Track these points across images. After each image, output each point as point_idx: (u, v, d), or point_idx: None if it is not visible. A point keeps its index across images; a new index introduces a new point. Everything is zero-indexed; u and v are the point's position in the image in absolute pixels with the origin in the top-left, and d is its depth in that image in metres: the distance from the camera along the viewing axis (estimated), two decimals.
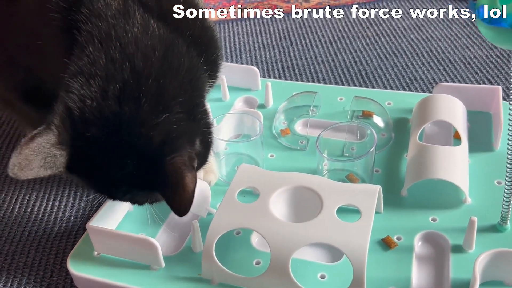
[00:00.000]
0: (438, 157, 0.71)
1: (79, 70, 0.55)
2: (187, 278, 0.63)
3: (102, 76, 0.54)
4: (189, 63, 0.60)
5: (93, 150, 0.54)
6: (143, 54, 0.55)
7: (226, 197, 0.65)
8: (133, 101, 0.53)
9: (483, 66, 1.05)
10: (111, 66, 0.54)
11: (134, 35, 0.56)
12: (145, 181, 0.55)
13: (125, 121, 0.53)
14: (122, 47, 0.55)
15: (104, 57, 0.55)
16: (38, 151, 0.52)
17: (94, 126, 0.53)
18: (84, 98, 0.53)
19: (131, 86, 0.54)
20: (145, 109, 0.54)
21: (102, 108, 0.53)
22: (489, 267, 0.57)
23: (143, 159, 0.54)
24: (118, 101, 0.53)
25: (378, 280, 0.60)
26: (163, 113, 0.54)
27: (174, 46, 0.59)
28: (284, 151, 0.83)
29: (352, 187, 0.66)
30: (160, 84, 0.55)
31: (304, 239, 0.58)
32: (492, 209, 0.67)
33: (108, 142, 0.53)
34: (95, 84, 0.54)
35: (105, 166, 0.54)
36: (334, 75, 1.07)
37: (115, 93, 0.53)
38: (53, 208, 0.81)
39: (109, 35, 0.56)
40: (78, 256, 0.67)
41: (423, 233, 0.66)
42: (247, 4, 1.42)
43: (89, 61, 0.55)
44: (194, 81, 0.60)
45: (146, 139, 0.53)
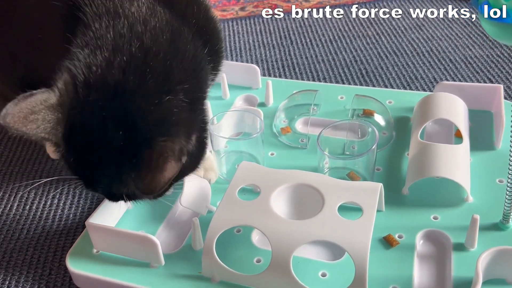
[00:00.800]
0: (440, 155, 0.70)
1: (84, 43, 0.54)
2: (187, 276, 0.63)
3: (109, 48, 0.53)
4: (194, 51, 0.59)
5: (90, 117, 0.52)
6: (151, 34, 0.55)
7: (226, 194, 0.65)
8: (139, 74, 0.52)
9: (484, 66, 1.04)
10: (119, 40, 0.53)
11: (142, 16, 0.56)
12: (126, 157, 0.52)
13: (127, 91, 0.52)
14: (130, 25, 0.54)
15: (112, 32, 0.54)
16: (35, 107, 0.50)
17: (96, 92, 0.52)
18: (89, 65, 0.52)
19: (138, 60, 0.53)
20: (150, 85, 0.53)
21: (106, 76, 0.52)
22: (492, 265, 0.57)
23: (135, 133, 0.52)
24: (123, 72, 0.52)
25: (380, 279, 0.60)
26: (167, 94, 0.53)
27: (181, 32, 0.58)
28: (285, 150, 0.82)
29: (353, 185, 0.65)
30: (167, 64, 0.54)
31: (305, 236, 0.58)
32: (494, 208, 0.66)
33: (107, 109, 0.52)
34: (101, 55, 0.53)
35: (96, 135, 0.52)
36: (335, 74, 1.07)
37: (121, 64, 0.52)
38: (52, 206, 0.81)
39: (117, 13, 0.55)
40: (77, 254, 0.67)
41: (425, 232, 0.66)
42: (247, 3, 1.41)
43: (95, 35, 0.54)
44: (198, 71, 0.59)
45: (144, 113, 0.52)
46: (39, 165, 0.90)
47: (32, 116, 0.50)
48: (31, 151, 0.93)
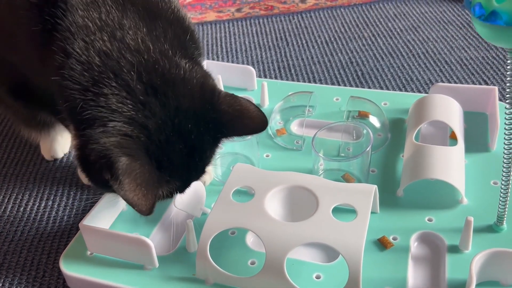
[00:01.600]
0: (435, 157, 0.70)
1: (83, 78, 0.55)
2: (181, 278, 0.63)
3: (112, 74, 0.55)
4: (175, 32, 0.60)
5: (167, 143, 0.55)
6: (130, 34, 0.56)
7: (220, 196, 0.65)
8: (155, 75, 0.55)
9: (479, 67, 1.05)
10: (110, 59, 0.55)
11: (116, 21, 0.57)
12: (210, 134, 0.57)
13: (166, 95, 0.55)
14: (109, 34, 0.56)
15: (96, 51, 0.55)
16: (142, 181, 0.52)
17: (151, 122, 0.54)
18: (124, 113, 0.54)
19: (142, 65, 0.55)
20: (167, 76, 0.56)
21: (144, 103, 0.54)
22: (486, 267, 0.57)
23: (198, 114, 0.56)
24: (145, 84, 0.55)
25: (374, 280, 0.60)
26: (180, 71, 0.56)
27: (156, 22, 0.59)
28: (280, 151, 0.82)
29: (348, 187, 0.65)
30: (161, 50, 0.57)
31: (299, 238, 0.58)
32: (488, 210, 0.67)
33: (168, 125, 0.55)
34: (121, 90, 0.54)
35: (178, 147, 0.55)
36: (330, 75, 1.07)
37: (136, 79, 0.54)
38: (46, 208, 0.80)
39: (87, 26, 0.56)
40: (71, 256, 0.67)
41: (419, 233, 0.65)
42: (243, 4, 1.41)
43: (87, 64, 0.55)
44: (185, 43, 0.61)
45: (189, 97, 0.56)
46: (34, 166, 0.89)
47: (145, 191, 0.53)
48: (26, 153, 0.93)
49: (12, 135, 0.97)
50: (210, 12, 1.39)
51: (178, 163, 0.56)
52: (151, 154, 0.54)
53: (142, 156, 0.53)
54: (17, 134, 0.97)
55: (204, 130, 0.56)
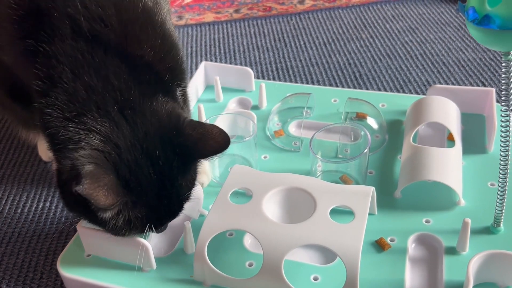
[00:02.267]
0: (432, 159, 0.70)
1: (68, 107, 0.56)
2: (178, 280, 0.63)
3: (95, 102, 0.57)
4: (155, 58, 0.62)
5: (135, 164, 0.56)
6: (113, 65, 0.59)
7: (218, 198, 0.65)
8: (130, 107, 0.57)
9: (477, 69, 1.05)
10: (92, 87, 0.57)
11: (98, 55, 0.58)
12: (179, 159, 0.57)
13: (137, 126, 0.57)
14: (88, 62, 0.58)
15: (82, 82, 0.57)
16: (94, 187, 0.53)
17: (122, 143, 0.56)
18: (117, 145, 0.56)
19: (119, 96, 0.57)
20: (139, 105, 0.57)
21: (118, 131, 0.56)
22: (483, 269, 0.57)
23: (165, 139, 0.57)
24: (123, 115, 0.57)
25: (372, 282, 0.60)
26: (152, 102, 0.59)
27: (139, 44, 0.61)
28: (278, 153, 0.82)
29: (345, 188, 0.65)
30: (136, 81, 0.59)
31: (297, 240, 0.58)
32: (486, 211, 0.67)
33: (137, 148, 0.56)
34: (101, 119, 0.56)
35: (144, 169, 0.56)
36: (328, 77, 1.07)
37: (116, 110, 0.57)
38: (44, 209, 0.80)
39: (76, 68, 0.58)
40: (69, 258, 0.67)
41: (417, 235, 0.66)
42: (242, 5, 1.41)
43: (75, 91, 0.57)
44: (161, 73, 0.62)
45: (157, 124, 0.57)
46: (31, 168, 0.89)
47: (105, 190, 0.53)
48: (23, 154, 0.92)
49: (9, 136, 0.97)
50: (208, 13, 1.39)
51: (146, 187, 0.56)
52: (119, 170, 0.55)
53: (110, 168, 0.54)
54: (14, 136, 0.96)
55: (171, 155, 0.57)
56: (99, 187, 0.52)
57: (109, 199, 0.52)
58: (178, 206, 0.61)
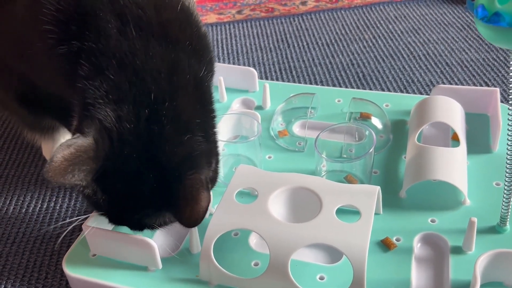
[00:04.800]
0: (437, 158, 0.70)
1: (104, 92, 0.56)
2: (184, 280, 0.62)
3: (131, 100, 0.56)
4: (194, 78, 0.60)
5: (125, 167, 0.55)
6: (152, 77, 0.57)
7: (224, 198, 0.65)
8: (158, 123, 0.56)
9: (480, 69, 1.05)
10: (135, 91, 0.56)
11: (141, 58, 0.57)
12: (161, 197, 0.56)
13: (154, 141, 0.55)
14: (136, 71, 0.57)
15: (126, 82, 0.56)
16: (75, 158, 0.53)
17: (130, 145, 0.55)
18: (120, 119, 0.55)
19: (154, 110, 0.56)
20: (168, 130, 0.56)
21: (137, 129, 0.55)
22: (489, 268, 0.57)
23: (165, 173, 0.55)
24: (148, 123, 0.56)
25: (378, 282, 0.60)
26: (186, 134, 0.57)
27: (179, 63, 0.60)
28: (282, 153, 0.82)
29: (351, 188, 0.65)
30: (175, 106, 0.57)
31: (303, 239, 0.58)
32: (491, 211, 0.67)
33: (139, 159, 0.55)
34: (126, 108, 0.55)
35: (131, 181, 0.56)
36: (332, 77, 1.07)
37: (144, 116, 0.56)
38: (48, 209, 0.80)
39: (122, 59, 0.57)
40: (74, 257, 0.67)
41: (422, 235, 0.66)
42: (244, 7, 1.42)
43: (112, 84, 0.56)
44: (203, 97, 0.62)
45: (170, 154, 0.55)
46: (35, 168, 0.89)
47: (71, 167, 0.52)
48: (27, 155, 0.93)
49: (13, 137, 0.97)
50: (211, 14, 1.39)
51: (117, 191, 0.56)
52: (105, 158, 0.55)
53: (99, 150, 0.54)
54: (19, 136, 0.97)
55: (158, 193, 0.56)
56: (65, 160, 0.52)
57: (64, 173, 0.52)
58: (136, 225, 0.60)
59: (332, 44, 1.19)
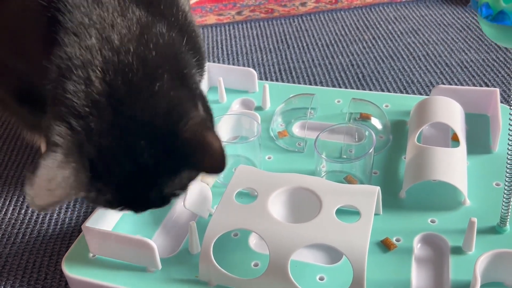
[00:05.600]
0: (437, 159, 0.70)
1: (58, 71, 0.53)
2: (184, 280, 0.62)
3: (81, 66, 0.52)
4: (170, 40, 0.58)
5: (113, 149, 0.51)
6: (119, 34, 0.54)
7: (223, 198, 0.65)
8: (121, 78, 0.52)
9: (480, 70, 1.05)
10: (87, 53, 0.53)
11: (109, 20, 0.55)
12: (168, 160, 0.52)
13: (128, 104, 0.51)
14: (99, 31, 0.54)
15: (79, 47, 0.53)
16: (48, 174, 0.48)
17: (109, 126, 0.51)
18: (74, 104, 0.51)
19: (113, 65, 0.52)
20: (135, 82, 0.52)
21: (107, 107, 0.51)
22: (490, 268, 0.57)
23: (157, 135, 0.52)
24: (108, 84, 0.51)
25: (377, 282, 0.60)
26: (154, 83, 0.52)
27: (152, 25, 0.57)
28: (282, 153, 0.82)
29: (351, 188, 0.65)
30: (141, 56, 0.53)
31: (303, 240, 0.58)
32: (491, 211, 0.67)
33: (124, 134, 0.51)
34: (80, 83, 0.52)
35: (127, 162, 0.52)
36: (331, 78, 1.07)
37: (100, 77, 0.51)
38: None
39: (82, 24, 0.54)
40: (73, 258, 0.66)
41: (422, 235, 0.65)
42: (244, 8, 1.42)
43: (66, 56, 0.53)
44: (178, 55, 0.58)
45: (151, 111, 0.51)
46: None
47: (52, 183, 0.48)
48: (27, 155, 0.92)
49: (12, 137, 0.97)
50: (211, 15, 1.39)
51: (120, 176, 0.53)
52: (85, 153, 0.51)
53: (74, 152, 0.50)
54: (18, 137, 0.96)
55: (159, 153, 0.52)
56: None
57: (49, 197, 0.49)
58: (157, 199, 0.56)
59: (332, 45, 1.19)
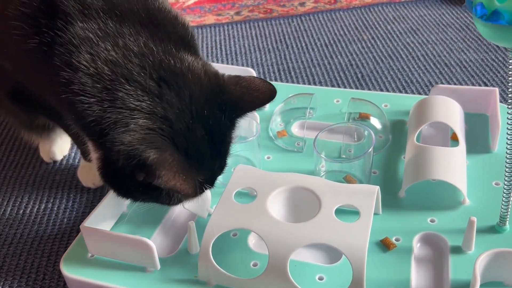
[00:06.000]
0: (436, 158, 0.70)
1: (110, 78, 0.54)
2: (183, 280, 0.62)
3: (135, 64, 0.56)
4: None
5: (187, 129, 0.55)
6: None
7: (222, 198, 0.64)
8: (164, 72, 0.56)
9: (479, 69, 1.05)
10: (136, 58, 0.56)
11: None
12: (227, 113, 0.57)
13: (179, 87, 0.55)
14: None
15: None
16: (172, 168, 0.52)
17: (170, 107, 0.55)
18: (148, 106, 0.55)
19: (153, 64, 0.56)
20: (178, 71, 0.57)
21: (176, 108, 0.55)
22: (489, 267, 0.57)
23: (213, 101, 0.57)
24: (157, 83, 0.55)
25: (377, 282, 0.59)
26: (189, 67, 0.58)
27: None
28: (281, 153, 0.82)
29: (350, 188, 0.65)
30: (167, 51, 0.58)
31: (302, 239, 0.57)
32: (491, 210, 0.66)
33: (186, 114, 0.55)
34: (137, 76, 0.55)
35: (196, 132, 0.55)
36: (330, 77, 1.07)
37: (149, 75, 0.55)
38: (46, 210, 0.80)
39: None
40: (72, 258, 0.66)
41: (422, 234, 0.65)
42: (242, 8, 1.42)
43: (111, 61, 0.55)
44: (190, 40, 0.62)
45: (200, 87, 0.57)
46: (33, 169, 0.89)
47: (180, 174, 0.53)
48: (25, 155, 0.92)
49: (11, 138, 0.97)
50: (209, 15, 1.39)
51: (203, 151, 0.57)
52: (177, 143, 0.54)
53: (169, 147, 0.54)
54: (16, 137, 0.96)
55: (219, 113, 0.57)
56: (175, 174, 0.52)
57: (190, 183, 0.53)
58: (225, 161, 0.61)
59: (331, 45, 1.19)
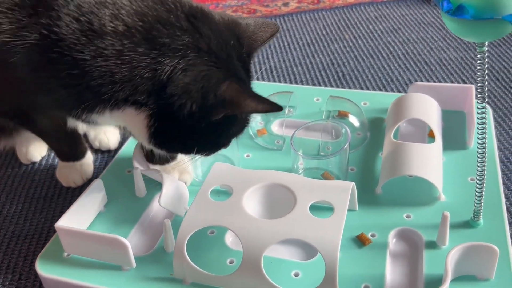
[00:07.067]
0: (413, 154, 0.71)
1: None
2: (158, 278, 0.62)
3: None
4: None
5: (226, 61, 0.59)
6: None
7: (198, 195, 0.64)
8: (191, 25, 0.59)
9: (458, 68, 1.06)
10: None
11: None
12: (247, 46, 0.63)
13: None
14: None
15: None
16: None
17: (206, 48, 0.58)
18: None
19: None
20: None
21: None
22: (461, 261, 0.57)
23: (232, 37, 0.61)
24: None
25: (352, 277, 0.60)
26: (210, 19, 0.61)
27: None
28: (261, 151, 0.82)
29: (325, 184, 0.65)
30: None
31: (276, 235, 0.58)
32: (466, 206, 0.67)
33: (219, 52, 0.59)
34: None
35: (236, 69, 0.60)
36: (312, 77, 1.07)
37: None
38: (23, 210, 0.79)
39: None
40: (47, 258, 0.66)
41: (398, 230, 0.66)
42: (226, 8, 1.42)
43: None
44: None
45: (221, 31, 0.60)
46: (12, 169, 0.88)
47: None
48: (4, 156, 0.91)
49: None
50: None
51: (244, 78, 0.61)
52: (231, 72, 0.58)
53: (230, 76, 0.57)
54: None
55: (239, 46, 0.62)
56: (252, 98, 0.56)
57: (267, 101, 0.57)
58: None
59: (313, 44, 1.20)
